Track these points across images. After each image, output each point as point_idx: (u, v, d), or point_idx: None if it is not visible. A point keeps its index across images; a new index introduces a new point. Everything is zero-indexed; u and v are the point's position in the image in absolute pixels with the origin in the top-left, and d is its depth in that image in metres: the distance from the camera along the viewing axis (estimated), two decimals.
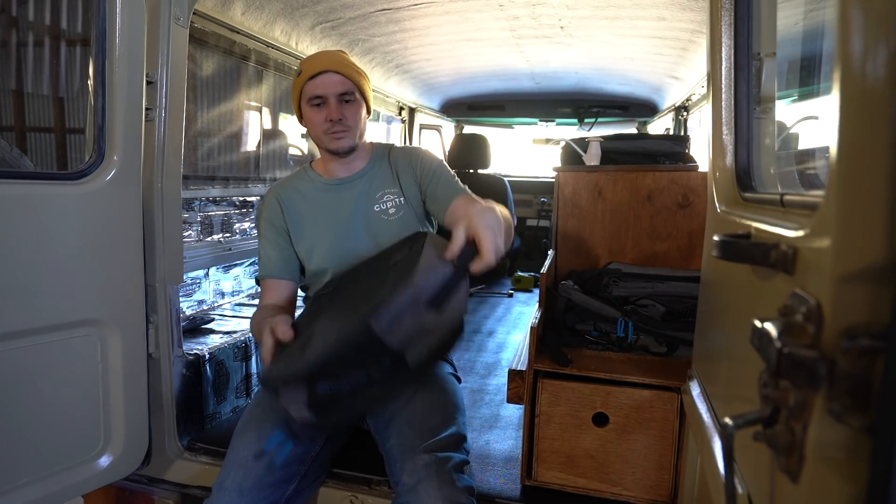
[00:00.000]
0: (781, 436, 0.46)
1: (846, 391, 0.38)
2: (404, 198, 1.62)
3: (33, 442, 1.35)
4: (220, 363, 1.99)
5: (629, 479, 1.45)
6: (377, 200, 1.61)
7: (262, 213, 1.66)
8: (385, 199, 1.62)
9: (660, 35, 2.57)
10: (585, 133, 4.01)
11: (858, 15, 0.39)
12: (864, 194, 0.40)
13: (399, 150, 1.72)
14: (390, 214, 1.60)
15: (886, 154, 0.37)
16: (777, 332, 0.46)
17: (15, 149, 1.61)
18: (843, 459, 0.40)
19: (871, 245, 0.38)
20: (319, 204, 1.63)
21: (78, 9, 1.79)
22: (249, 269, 2.71)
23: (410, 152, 1.70)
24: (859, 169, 0.40)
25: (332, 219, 1.61)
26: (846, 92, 0.41)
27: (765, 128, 1.05)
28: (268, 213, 1.64)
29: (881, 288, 0.37)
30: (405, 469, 1.29)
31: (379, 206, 1.61)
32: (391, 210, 1.60)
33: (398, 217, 1.60)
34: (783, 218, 0.67)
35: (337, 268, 1.58)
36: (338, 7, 2.37)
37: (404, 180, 1.64)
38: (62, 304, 1.36)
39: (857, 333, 0.39)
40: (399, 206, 1.61)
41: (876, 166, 0.37)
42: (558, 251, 1.95)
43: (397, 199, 1.62)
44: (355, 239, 1.59)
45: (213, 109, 2.38)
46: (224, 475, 1.34)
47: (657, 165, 1.95)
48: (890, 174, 0.36)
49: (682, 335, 1.55)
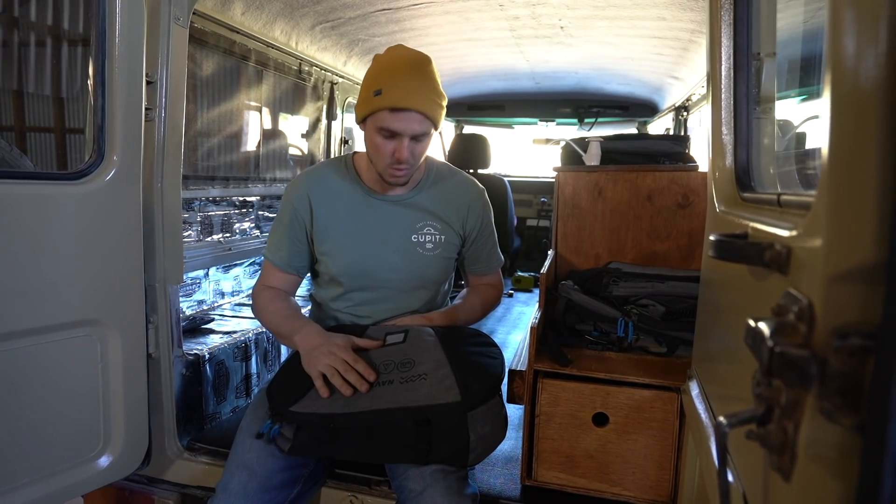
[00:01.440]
0: (774, 434, 0.46)
1: (837, 390, 0.39)
2: (444, 236, 1.55)
3: (33, 442, 1.35)
4: (220, 363, 1.99)
5: (629, 480, 1.45)
6: (417, 231, 1.53)
7: (288, 198, 1.55)
8: (425, 232, 1.53)
9: (660, 35, 2.57)
10: (585, 133, 4.00)
11: (848, 17, 0.39)
12: (854, 195, 0.40)
13: (458, 184, 1.62)
14: (427, 249, 1.53)
15: (876, 155, 0.37)
16: (770, 332, 0.46)
17: (15, 149, 1.61)
18: (834, 458, 0.40)
19: (861, 245, 0.38)
20: (353, 213, 1.52)
21: (78, 9, 1.79)
22: (249, 269, 2.71)
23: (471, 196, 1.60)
24: (850, 169, 0.40)
25: (362, 235, 1.52)
26: (836, 93, 0.41)
27: (764, 128, 1.05)
28: (294, 203, 1.53)
29: (872, 287, 0.37)
30: (410, 475, 1.29)
31: (417, 237, 1.52)
32: (429, 245, 1.53)
33: (434, 255, 1.54)
34: (780, 218, 0.67)
35: (351, 285, 1.53)
36: (338, 7, 2.37)
37: (451, 220, 1.56)
38: (62, 305, 1.36)
39: (847, 333, 0.39)
40: (437, 243, 1.54)
41: (866, 167, 0.38)
42: (558, 251, 1.95)
43: (438, 236, 1.54)
44: (382, 265, 1.51)
45: (213, 109, 2.38)
46: (228, 477, 1.33)
47: (657, 165, 1.95)
48: (880, 175, 0.36)
49: (682, 335, 1.55)
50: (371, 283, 1.53)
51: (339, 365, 1.26)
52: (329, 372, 1.26)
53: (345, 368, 1.26)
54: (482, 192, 1.64)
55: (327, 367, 1.26)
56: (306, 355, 1.32)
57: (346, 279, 1.53)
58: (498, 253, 1.71)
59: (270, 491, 1.32)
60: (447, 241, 1.56)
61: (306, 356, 1.32)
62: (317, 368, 1.27)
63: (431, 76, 1.40)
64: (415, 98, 1.33)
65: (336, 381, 1.25)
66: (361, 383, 1.25)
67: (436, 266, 1.55)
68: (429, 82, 1.38)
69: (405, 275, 1.53)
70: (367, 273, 1.52)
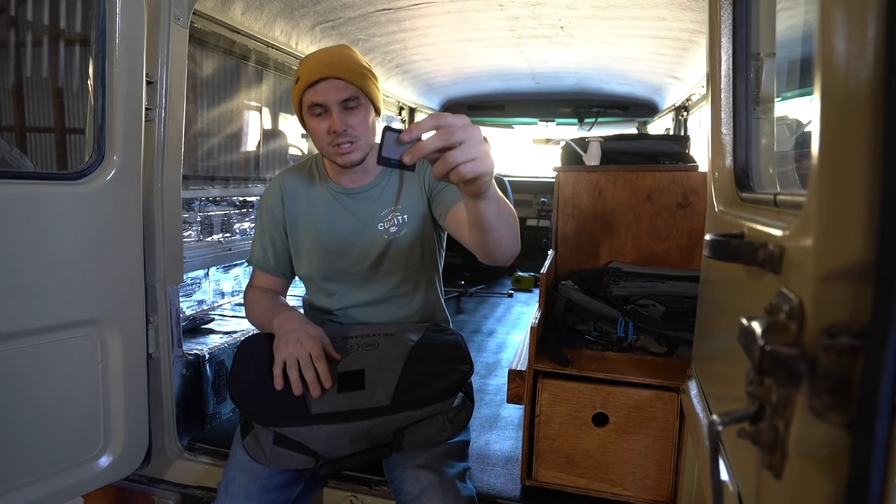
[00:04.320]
0: (765, 433, 0.46)
1: (827, 389, 0.39)
2: (407, 216, 1.53)
3: (33, 442, 1.35)
4: (220, 363, 1.99)
5: (629, 480, 1.45)
6: (382, 219, 1.52)
7: (265, 198, 1.60)
8: (390, 218, 1.53)
9: (660, 35, 2.57)
10: (585, 133, 4.01)
11: (838, 17, 0.39)
12: (844, 194, 0.40)
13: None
14: (391, 233, 1.52)
15: (866, 154, 0.37)
16: (761, 331, 0.46)
17: (15, 149, 1.61)
18: (824, 456, 0.41)
19: (851, 244, 0.39)
20: (319, 209, 1.55)
21: (78, 9, 1.79)
22: (249, 269, 2.70)
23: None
24: (840, 169, 0.40)
25: (328, 229, 1.54)
26: (826, 93, 0.41)
27: (763, 128, 1.05)
28: (270, 201, 1.58)
29: (861, 286, 0.37)
30: (407, 477, 1.29)
31: (383, 224, 1.52)
32: (392, 229, 1.52)
33: (400, 235, 1.52)
34: (776, 218, 0.67)
35: (324, 280, 1.56)
36: (338, 7, 2.37)
37: (413, 189, 1.53)
38: (62, 305, 1.37)
39: (837, 331, 0.39)
40: (402, 224, 1.53)
41: (856, 167, 0.38)
42: (558, 251, 1.95)
43: (401, 216, 1.53)
44: (350, 257, 1.53)
45: (213, 109, 2.39)
46: (229, 478, 1.33)
47: (657, 165, 1.95)
48: (870, 174, 0.36)
49: (682, 335, 1.55)
50: (341, 276, 1.54)
51: (302, 357, 1.26)
52: (290, 362, 1.26)
53: (305, 363, 1.25)
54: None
55: (290, 355, 1.26)
56: (278, 338, 1.33)
57: (316, 275, 1.56)
58: None
59: (271, 492, 1.32)
60: (412, 217, 1.52)
61: (277, 339, 1.33)
62: (281, 355, 1.27)
63: (348, 52, 1.41)
64: (328, 68, 1.35)
65: (291, 375, 1.25)
66: (315, 386, 1.24)
67: (406, 246, 1.53)
68: (345, 56, 1.39)
69: (375, 264, 1.53)
70: (338, 268, 1.53)
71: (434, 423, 1.31)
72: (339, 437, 1.23)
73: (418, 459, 1.31)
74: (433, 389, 1.28)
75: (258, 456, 1.28)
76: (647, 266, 1.80)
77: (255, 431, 1.30)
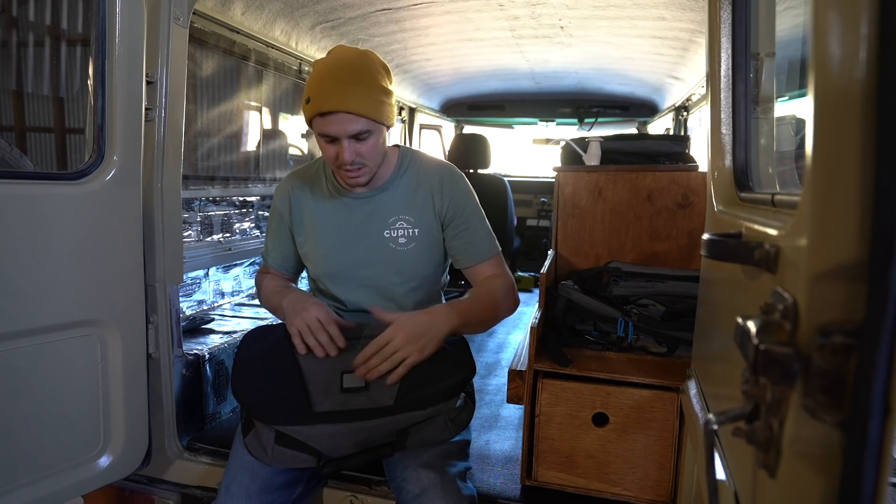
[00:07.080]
0: (760, 431, 0.46)
1: (820, 388, 0.39)
2: (418, 229, 1.50)
3: (33, 442, 1.35)
4: (220, 363, 1.99)
5: (629, 479, 1.45)
6: (389, 226, 1.49)
7: (274, 198, 1.62)
8: (398, 227, 1.49)
9: (660, 35, 2.57)
10: (585, 133, 4.00)
11: (831, 18, 0.39)
12: (838, 194, 0.40)
13: (426, 168, 1.54)
14: (400, 244, 1.49)
15: (859, 154, 0.37)
16: (756, 330, 0.46)
17: (15, 149, 1.62)
18: (817, 454, 0.41)
19: (845, 244, 0.39)
20: (325, 212, 1.53)
21: (78, 9, 1.80)
22: (249, 269, 2.71)
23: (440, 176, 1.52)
24: (833, 169, 0.41)
25: (333, 233, 1.52)
26: (820, 93, 0.41)
27: (763, 128, 1.05)
28: (279, 202, 1.59)
29: (855, 286, 0.37)
30: (408, 477, 1.29)
31: (389, 232, 1.49)
32: (401, 240, 1.49)
33: (407, 249, 1.49)
34: (773, 217, 0.68)
35: (330, 283, 1.55)
36: (338, 7, 2.37)
37: (424, 208, 1.50)
38: (62, 305, 1.37)
39: (831, 331, 0.39)
40: (411, 237, 1.49)
41: (849, 166, 0.38)
42: (558, 251, 1.95)
43: (411, 229, 1.49)
44: (354, 262, 1.51)
45: (213, 109, 2.39)
46: (230, 478, 1.33)
47: (657, 165, 1.95)
48: (863, 174, 0.37)
49: (682, 335, 1.55)
50: (347, 282, 1.54)
51: (311, 323, 1.32)
52: (304, 330, 1.33)
53: (316, 328, 1.32)
54: (452, 171, 1.56)
55: (301, 324, 1.33)
56: (288, 315, 1.39)
57: (323, 277, 1.57)
58: (486, 238, 1.54)
59: (272, 492, 1.32)
60: (422, 234, 1.50)
61: (288, 316, 1.39)
62: (294, 327, 1.34)
63: (363, 72, 1.33)
64: (340, 99, 1.29)
65: (310, 341, 1.32)
66: (331, 346, 1.32)
67: (412, 260, 1.50)
68: (359, 80, 1.31)
69: (379, 271, 1.51)
70: (341, 272, 1.53)
71: (436, 423, 1.32)
72: (342, 437, 1.23)
73: (419, 459, 1.31)
74: (436, 390, 1.28)
75: (259, 454, 1.28)
76: (647, 266, 1.80)
77: (256, 430, 1.30)
